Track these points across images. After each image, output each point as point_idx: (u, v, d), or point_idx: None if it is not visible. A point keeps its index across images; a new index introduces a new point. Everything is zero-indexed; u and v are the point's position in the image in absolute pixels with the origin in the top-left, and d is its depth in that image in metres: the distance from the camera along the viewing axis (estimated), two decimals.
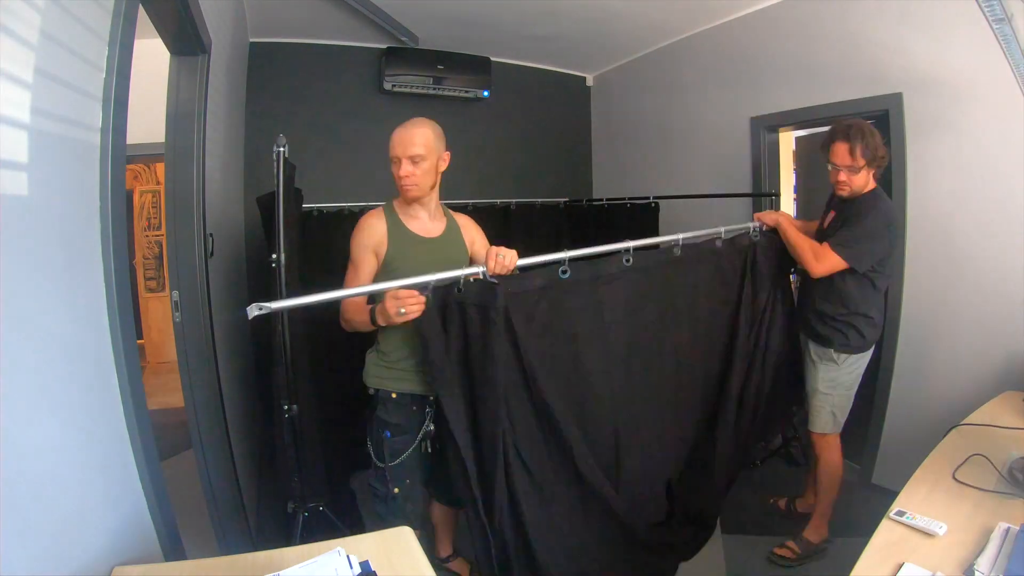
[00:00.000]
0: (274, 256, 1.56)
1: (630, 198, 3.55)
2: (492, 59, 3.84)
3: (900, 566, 1.02)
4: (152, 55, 1.70)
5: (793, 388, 2.31)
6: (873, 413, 2.64)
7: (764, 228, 2.13)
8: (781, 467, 2.91)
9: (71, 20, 0.93)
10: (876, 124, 2.60)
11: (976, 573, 0.98)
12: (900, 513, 1.17)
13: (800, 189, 3.39)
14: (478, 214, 2.20)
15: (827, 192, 2.17)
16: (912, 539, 1.11)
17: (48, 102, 0.87)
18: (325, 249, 3.15)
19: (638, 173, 4.06)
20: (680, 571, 2.01)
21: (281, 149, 1.55)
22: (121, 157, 1.08)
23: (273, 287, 1.57)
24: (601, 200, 3.81)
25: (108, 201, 1.03)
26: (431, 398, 1.56)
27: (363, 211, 3.29)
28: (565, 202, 4.06)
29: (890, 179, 2.49)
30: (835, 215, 2.07)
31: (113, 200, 1.05)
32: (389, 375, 1.63)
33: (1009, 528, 1.09)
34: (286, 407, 1.62)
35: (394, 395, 1.61)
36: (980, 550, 1.05)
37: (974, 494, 1.25)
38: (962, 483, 1.29)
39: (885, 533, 1.13)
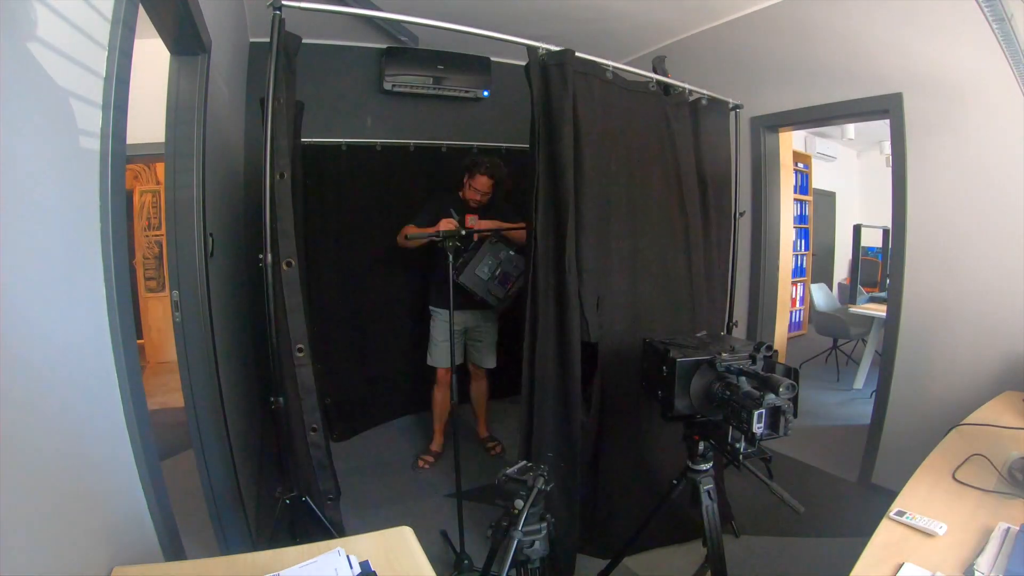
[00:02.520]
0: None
1: None
2: (492, 59, 3.84)
3: (900, 566, 1.02)
4: (152, 55, 1.70)
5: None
6: (873, 413, 2.65)
7: None
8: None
9: (71, 21, 0.93)
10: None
11: (976, 573, 0.98)
12: (900, 513, 1.17)
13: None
14: None
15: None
16: (912, 539, 1.10)
17: (48, 102, 0.87)
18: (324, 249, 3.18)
19: None
20: (677, 570, 2.01)
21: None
22: (121, 157, 1.08)
23: (277, 287, 1.57)
24: None
25: (108, 201, 1.03)
26: None
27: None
28: None
29: (891, 179, 2.50)
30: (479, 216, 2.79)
31: (113, 200, 1.05)
32: None
33: (1009, 528, 1.09)
34: (271, 399, 1.60)
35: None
36: (980, 550, 1.05)
37: (974, 494, 1.25)
38: (962, 483, 1.29)
39: (885, 533, 1.12)
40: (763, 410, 1.30)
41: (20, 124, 0.80)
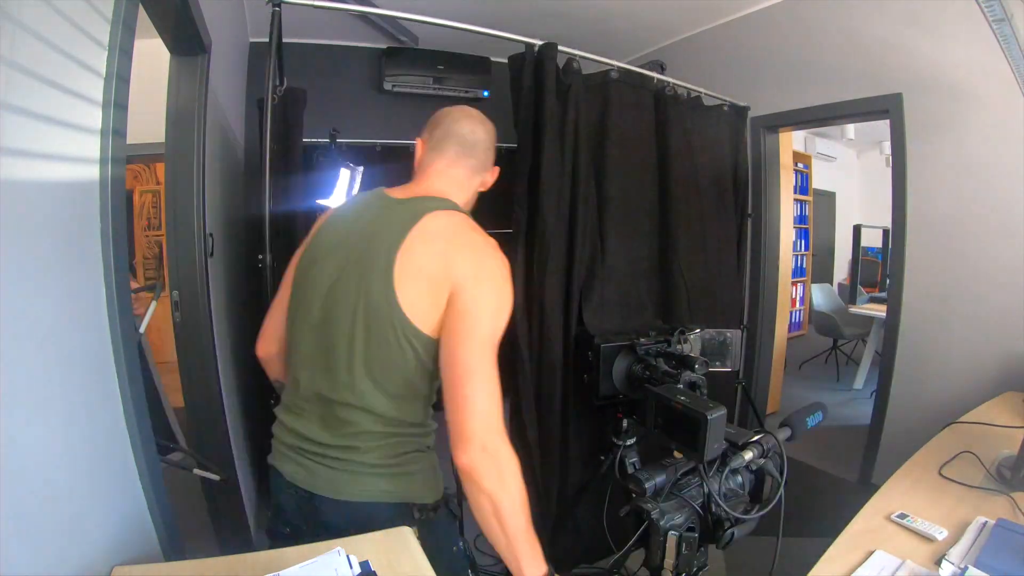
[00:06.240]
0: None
1: None
2: (492, 59, 3.84)
3: (871, 553, 1.02)
4: (152, 55, 1.70)
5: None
6: (873, 413, 2.65)
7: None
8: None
9: (71, 22, 0.93)
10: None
11: (945, 562, 0.99)
12: (902, 516, 1.15)
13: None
14: None
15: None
16: (886, 528, 1.11)
17: (48, 101, 0.87)
18: None
19: None
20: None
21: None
22: (121, 157, 1.08)
23: (264, 288, 1.57)
24: None
25: (108, 201, 1.03)
26: None
27: None
28: None
29: (891, 179, 2.50)
30: None
31: (113, 200, 1.05)
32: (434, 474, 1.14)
33: (986, 522, 1.09)
34: (272, 402, 1.61)
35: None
36: (955, 542, 1.05)
37: (957, 489, 1.24)
38: (947, 479, 1.29)
39: (862, 522, 1.14)
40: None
41: (19, 120, 0.80)
